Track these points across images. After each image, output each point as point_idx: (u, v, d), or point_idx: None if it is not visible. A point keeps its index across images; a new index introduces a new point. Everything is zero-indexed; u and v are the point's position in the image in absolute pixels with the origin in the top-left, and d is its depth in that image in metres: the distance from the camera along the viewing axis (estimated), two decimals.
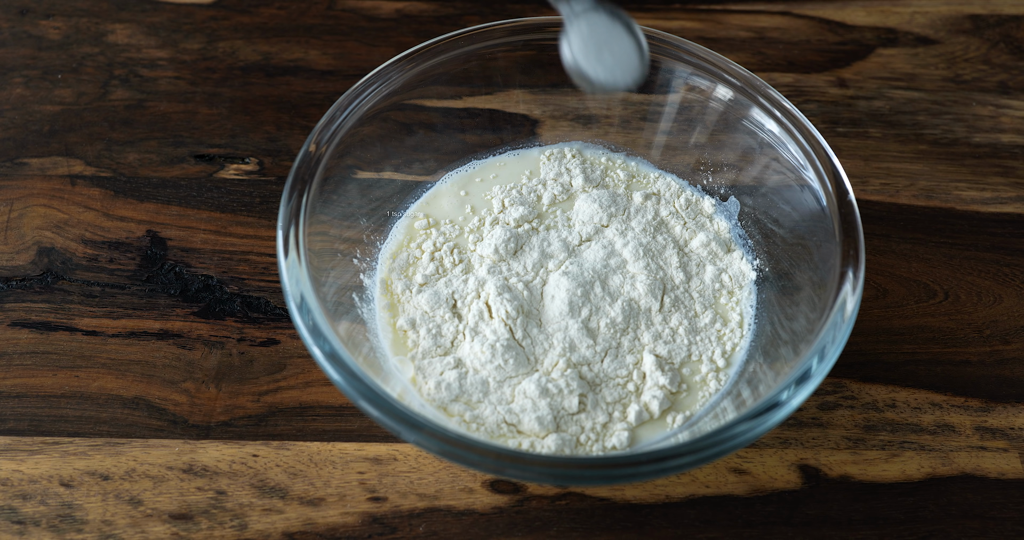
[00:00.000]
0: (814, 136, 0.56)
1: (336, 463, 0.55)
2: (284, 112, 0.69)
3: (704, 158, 0.62)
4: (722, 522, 0.54)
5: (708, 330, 0.57)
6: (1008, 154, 0.68)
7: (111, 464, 0.54)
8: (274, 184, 0.65)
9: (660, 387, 0.54)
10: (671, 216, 0.61)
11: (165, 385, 0.57)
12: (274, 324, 0.60)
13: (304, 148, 0.55)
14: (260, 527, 0.53)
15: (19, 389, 0.57)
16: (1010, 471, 0.56)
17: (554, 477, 0.49)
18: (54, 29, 0.73)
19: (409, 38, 0.73)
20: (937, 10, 0.76)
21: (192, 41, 0.72)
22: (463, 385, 0.54)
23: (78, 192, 0.65)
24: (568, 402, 0.53)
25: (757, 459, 0.56)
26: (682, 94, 0.61)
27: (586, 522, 0.53)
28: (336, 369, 0.48)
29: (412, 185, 0.62)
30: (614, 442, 0.52)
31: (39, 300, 0.60)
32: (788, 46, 0.74)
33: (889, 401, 0.58)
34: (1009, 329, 0.61)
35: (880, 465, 0.56)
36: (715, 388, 0.55)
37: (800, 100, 0.70)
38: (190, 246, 0.63)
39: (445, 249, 0.59)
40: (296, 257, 0.52)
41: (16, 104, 0.69)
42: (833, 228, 0.54)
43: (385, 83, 0.58)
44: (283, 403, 0.57)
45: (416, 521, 0.53)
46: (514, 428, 0.53)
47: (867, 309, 0.61)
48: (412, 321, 0.57)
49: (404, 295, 0.58)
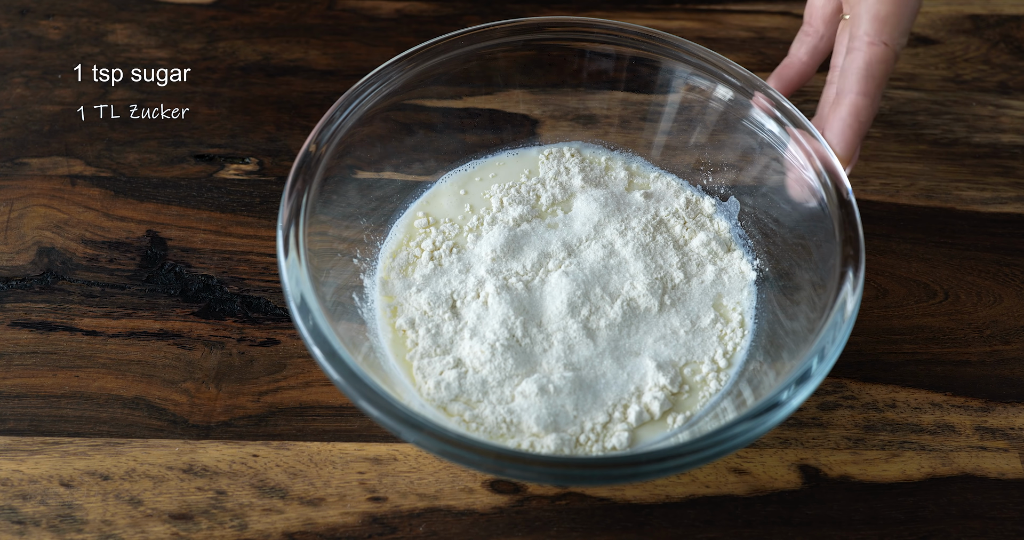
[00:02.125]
0: (814, 136, 0.56)
1: (336, 463, 0.55)
2: (284, 112, 0.69)
3: (704, 158, 0.62)
4: (722, 522, 0.54)
5: (709, 330, 0.57)
6: (1008, 154, 0.68)
7: (111, 464, 0.54)
8: (274, 184, 0.65)
9: (661, 388, 0.54)
10: (671, 216, 0.61)
11: (165, 385, 0.57)
12: (274, 324, 0.60)
13: (304, 148, 0.55)
14: (260, 527, 0.53)
15: (19, 389, 0.57)
16: (1010, 471, 0.56)
17: (554, 477, 0.49)
18: (54, 29, 0.73)
19: (409, 38, 0.73)
20: (937, 10, 0.76)
21: (192, 41, 0.72)
22: (463, 385, 0.54)
23: (78, 192, 0.65)
24: (568, 402, 0.53)
25: (757, 459, 0.56)
26: (682, 94, 0.61)
27: (586, 522, 0.53)
28: (336, 369, 0.48)
29: (412, 185, 0.62)
30: (614, 442, 0.52)
31: (39, 300, 0.60)
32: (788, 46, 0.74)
33: (889, 401, 0.58)
34: (1009, 329, 0.61)
35: (880, 465, 0.56)
36: (715, 388, 0.55)
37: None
38: (190, 246, 0.63)
39: (444, 248, 0.59)
40: (296, 257, 0.52)
41: (16, 104, 0.69)
42: (833, 228, 0.54)
43: (385, 83, 0.58)
44: (283, 403, 0.57)
45: (416, 521, 0.53)
46: (514, 428, 0.53)
47: (867, 309, 0.61)
48: (411, 321, 0.57)
49: (403, 295, 0.58)
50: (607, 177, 0.63)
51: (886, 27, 0.49)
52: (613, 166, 0.63)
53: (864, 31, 0.50)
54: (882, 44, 0.49)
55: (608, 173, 0.63)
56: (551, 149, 0.64)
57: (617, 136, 0.64)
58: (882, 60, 0.49)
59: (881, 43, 0.49)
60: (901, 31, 0.49)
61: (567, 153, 0.64)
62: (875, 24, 0.50)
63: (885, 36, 0.49)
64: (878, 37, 0.49)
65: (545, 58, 0.61)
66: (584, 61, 0.62)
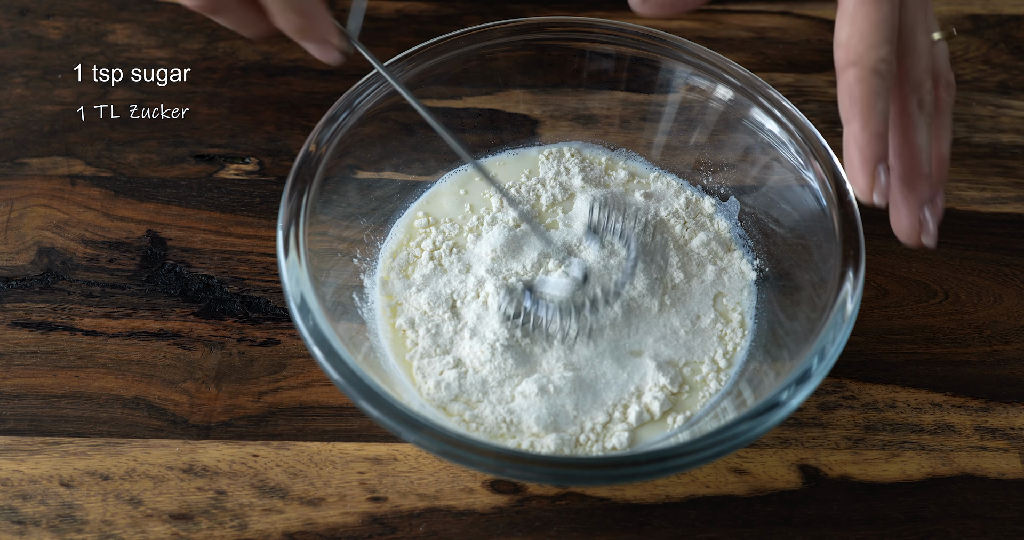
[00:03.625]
0: (814, 136, 0.56)
1: (336, 463, 0.55)
2: (284, 112, 0.69)
3: (704, 158, 0.62)
4: (722, 522, 0.54)
5: (709, 330, 0.57)
6: (1008, 154, 0.68)
7: (111, 464, 0.54)
8: (274, 184, 0.65)
9: (661, 388, 0.54)
10: (671, 216, 0.61)
11: (165, 385, 0.57)
12: (274, 324, 0.60)
13: (304, 148, 0.55)
14: (260, 527, 0.53)
15: (19, 389, 0.57)
16: (1010, 471, 0.56)
17: (554, 477, 0.49)
18: (54, 29, 0.73)
19: (409, 38, 0.73)
20: (937, 10, 0.76)
21: (192, 41, 0.72)
22: (462, 385, 0.54)
23: (78, 192, 0.65)
24: (568, 402, 0.53)
25: (757, 459, 0.56)
26: (682, 94, 0.61)
27: (586, 522, 0.53)
28: (336, 369, 0.49)
29: (412, 185, 0.62)
30: (614, 442, 0.52)
31: (39, 300, 0.60)
32: (788, 46, 0.74)
33: (889, 401, 0.58)
34: (1009, 329, 0.61)
35: (880, 465, 0.56)
36: (716, 388, 0.55)
37: (800, 100, 0.70)
38: (190, 246, 0.63)
39: (444, 247, 0.59)
40: (296, 257, 0.52)
41: (16, 104, 0.69)
42: (833, 228, 0.54)
43: (385, 83, 0.58)
44: (283, 403, 0.57)
45: (416, 521, 0.53)
46: (514, 428, 0.53)
47: (867, 309, 0.61)
48: (411, 321, 0.57)
49: (403, 294, 0.58)
50: (607, 177, 0.63)
51: (850, 49, 0.48)
52: (613, 166, 0.63)
53: (836, 60, 0.49)
54: (851, 66, 0.49)
55: (608, 173, 0.63)
56: (551, 149, 0.64)
57: (617, 136, 0.64)
58: (857, 81, 0.48)
59: (850, 65, 0.49)
60: (868, 45, 0.48)
61: (567, 153, 0.64)
62: (839, 51, 0.49)
63: (852, 57, 0.48)
64: (846, 61, 0.49)
65: (545, 58, 0.61)
66: (584, 61, 0.62)
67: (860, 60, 0.48)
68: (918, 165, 0.51)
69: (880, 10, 0.48)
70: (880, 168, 0.49)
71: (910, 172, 0.51)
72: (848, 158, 0.49)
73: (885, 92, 0.48)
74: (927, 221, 0.52)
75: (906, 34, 0.51)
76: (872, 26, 0.48)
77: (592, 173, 0.63)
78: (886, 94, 0.48)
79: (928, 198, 0.52)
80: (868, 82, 0.48)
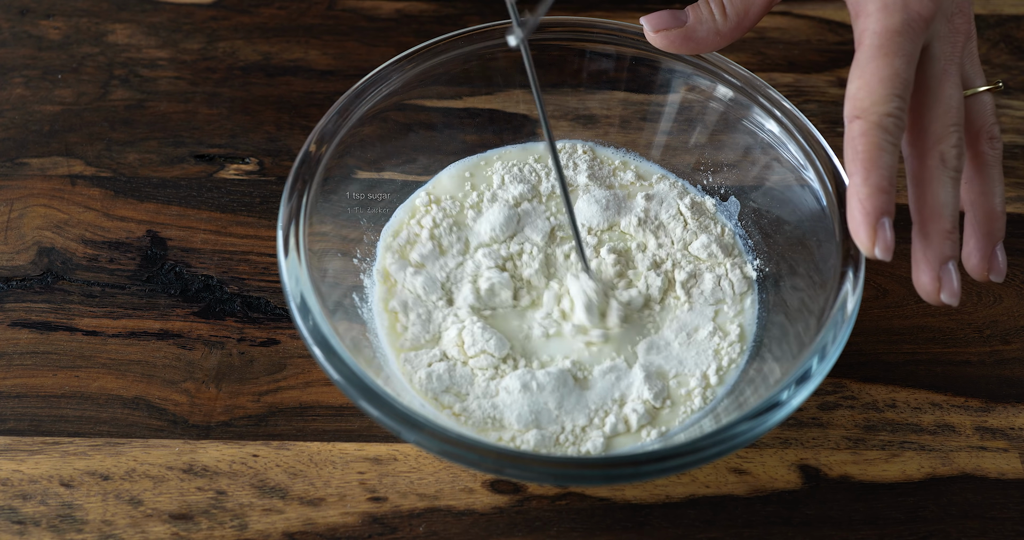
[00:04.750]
0: (814, 136, 0.56)
1: (336, 463, 0.55)
2: (284, 112, 0.69)
3: (704, 158, 0.62)
4: (722, 522, 0.54)
5: (705, 344, 0.56)
6: (1008, 154, 0.68)
7: (111, 464, 0.54)
8: (274, 184, 0.65)
9: (643, 401, 0.54)
10: (671, 217, 0.61)
11: (165, 385, 0.57)
12: (274, 324, 0.60)
13: (304, 148, 0.55)
14: (260, 527, 0.53)
15: (19, 389, 0.57)
16: (1010, 471, 0.56)
17: (554, 477, 0.49)
18: (54, 29, 0.73)
19: (409, 38, 0.73)
20: None
21: (192, 41, 0.72)
22: (452, 376, 0.54)
23: (78, 192, 0.65)
24: (551, 400, 0.53)
25: (757, 459, 0.56)
26: (682, 94, 0.61)
27: (586, 522, 0.53)
28: (336, 369, 0.48)
29: (412, 185, 0.62)
30: (588, 447, 0.52)
31: (39, 300, 0.60)
32: (788, 46, 0.74)
33: (889, 401, 0.58)
34: (1009, 329, 0.61)
35: (880, 465, 0.56)
36: (699, 405, 0.54)
37: (800, 100, 0.70)
38: (190, 246, 0.63)
39: (444, 225, 0.59)
40: (296, 257, 0.52)
41: (16, 104, 0.69)
42: (833, 228, 0.54)
43: (385, 83, 0.58)
44: (283, 403, 0.57)
45: (416, 521, 0.53)
46: (497, 423, 0.53)
47: (867, 309, 0.61)
48: (404, 303, 0.56)
49: (399, 276, 0.57)
50: (614, 179, 0.62)
51: (856, 102, 0.48)
52: (623, 168, 0.63)
53: (844, 112, 0.49)
54: (856, 119, 0.48)
55: (616, 175, 0.63)
56: (564, 143, 0.63)
57: (617, 136, 0.64)
58: (861, 134, 0.47)
59: (855, 118, 0.48)
60: (874, 100, 0.48)
61: (580, 149, 0.63)
62: (848, 103, 0.49)
63: (858, 110, 0.48)
64: (852, 114, 0.48)
65: (545, 58, 0.61)
66: (584, 61, 0.62)
67: (865, 114, 0.48)
68: (937, 221, 0.50)
69: (891, 65, 0.48)
70: (883, 222, 0.48)
71: (927, 228, 0.50)
72: (850, 211, 0.48)
73: (891, 146, 0.48)
74: (951, 279, 0.50)
75: (931, 87, 0.50)
76: (880, 81, 0.48)
77: (600, 172, 0.62)
78: (891, 149, 0.48)
79: (951, 256, 0.50)
80: (871, 136, 0.48)
